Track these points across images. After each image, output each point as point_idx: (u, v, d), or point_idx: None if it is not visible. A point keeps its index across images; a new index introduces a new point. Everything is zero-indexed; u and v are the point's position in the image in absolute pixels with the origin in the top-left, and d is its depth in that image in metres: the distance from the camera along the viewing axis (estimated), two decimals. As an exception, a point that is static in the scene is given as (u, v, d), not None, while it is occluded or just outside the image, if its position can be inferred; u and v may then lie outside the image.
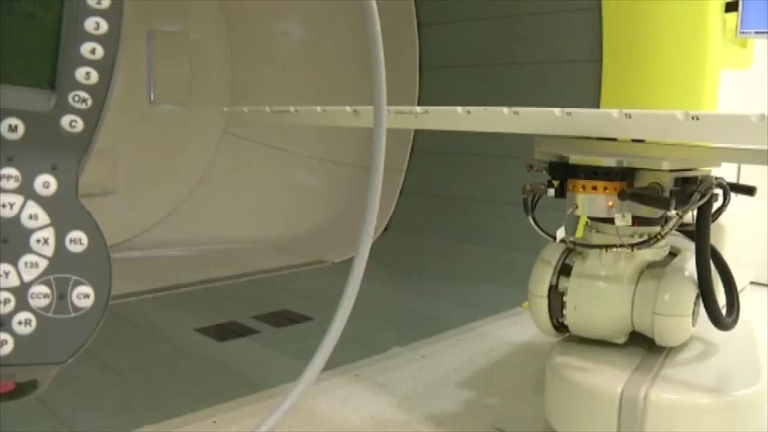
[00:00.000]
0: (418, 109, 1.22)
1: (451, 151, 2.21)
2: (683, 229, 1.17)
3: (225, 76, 2.71)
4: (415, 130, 2.46)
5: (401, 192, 2.47)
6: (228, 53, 2.71)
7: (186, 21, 2.61)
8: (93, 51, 0.39)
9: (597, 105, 2.07)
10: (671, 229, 1.13)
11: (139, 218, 2.50)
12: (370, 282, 0.51)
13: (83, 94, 0.39)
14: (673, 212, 1.12)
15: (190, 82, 2.57)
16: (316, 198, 2.81)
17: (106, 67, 0.40)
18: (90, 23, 0.39)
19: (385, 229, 2.57)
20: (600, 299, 1.18)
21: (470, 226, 2.40)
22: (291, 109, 1.41)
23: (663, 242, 1.18)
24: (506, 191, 1.94)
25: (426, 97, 2.52)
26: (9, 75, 0.38)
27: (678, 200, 1.09)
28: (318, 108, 1.36)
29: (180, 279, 2.20)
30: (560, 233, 1.18)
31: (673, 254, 1.25)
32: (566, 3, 2.15)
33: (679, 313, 1.13)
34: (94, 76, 0.39)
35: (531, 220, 1.21)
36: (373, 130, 0.53)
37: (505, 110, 1.12)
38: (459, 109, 1.17)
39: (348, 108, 1.31)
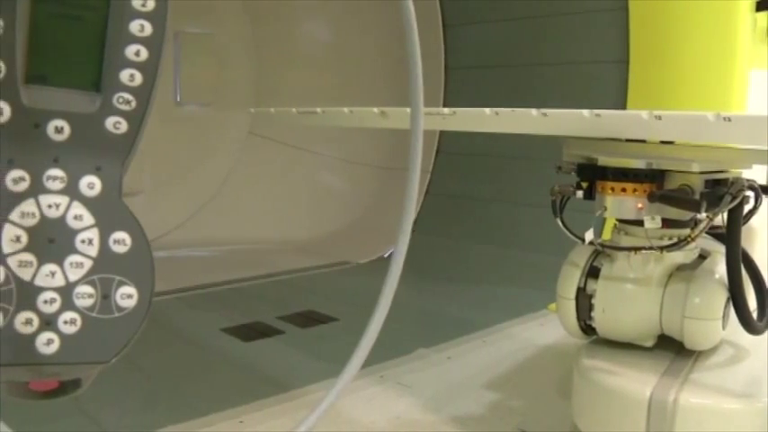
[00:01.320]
0: (446, 110, 1.22)
1: (477, 152, 2.20)
2: (713, 231, 1.16)
3: (250, 77, 2.72)
4: (441, 132, 2.46)
5: (426, 193, 2.47)
6: (254, 54, 2.72)
7: (212, 22, 2.62)
8: (137, 53, 0.40)
9: (623, 106, 2.05)
10: (701, 231, 1.12)
11: (165, 218, 2.52)
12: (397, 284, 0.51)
13: (127, 96, 0.40)
14: (703, 215, 1.11)
15: (215, 83, 2.59)
16: (340, 199, 2.82)
17: (150, 69, 0.40)
18: (135, 26, 0.39)
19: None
20: (628, 301, 1.17)
21: (496, 227, 2.40)
22: (318, 110, 1.42)
23: (693, 245, 1.17)
24: (532, 192, 1.93)
25: (451, 98, 2.51)
26: (55, 77, 0.39)
27: (709, 202, 1.07)
28: (345, 109, 1.37)
29: (205, 279, 2.21)
30: (589, 235, 1.17)
31: (702, 256, 1.24)
32: (592, 3, 2.14)
33: (709, 317, 1.11)
34: (138, 78, 0.40)
35: (560, 222, 1.20)
36: (410, 132, 0.52)
37: (534, 111, 1.12)
38: (487, 110, 1.17)
39: (375, 109, 1.31)
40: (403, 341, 1.65)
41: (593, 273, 1.21)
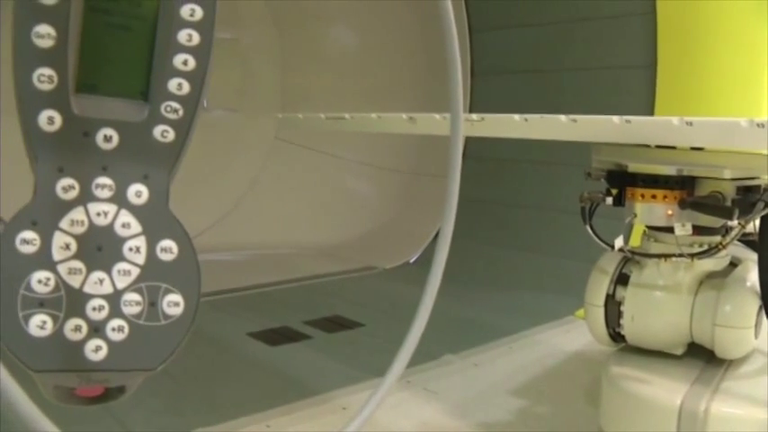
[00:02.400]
0: (474, 116, 1.22)
1: (504, 158, 2.20)
2: (744, 238, 1.15)
3: (276, 82, 2.74)
4: (467, 137, 2.45)
5: (446, 197, 2.45)
6: (279, 59, 2.74)
7: (238, 28, 2.63)
8: (185, 63, 0.40)
9: (651, 111, 2.04)
10: (733, 239, 1.12)
11: (191, 223, 2.50)
12: (421, 288, 0.51)
13: (174, 105, 0.40)
14: (735, 222, 1.10)
15: (241, 88, 2.60)
16: (366, 204, 2.82)
17: (197, 78, 0.40)
18: (183, 35, 0.40)
19: (436, 236, 2.57)
20: (658, 309, 1.16)
21: (523, 233, 2.39)
22: (346, 116, 1.42)
23: (724, 252, 1.16)
24: (559, 198, 1.92)
25: (478, 103, 2.51)
26: (105, 86, 0.40)
27: (741, 209, 1.06)
28: (374, 115, 1.37)
29: (232, 284, 2.22)
30: (618, 242, 1.17)
31: (733, 264, 1.23)
32: (619, 8, 2.13)
33: (740, 325, 1.10)
34: (186, 87, 0.40)
35: (589, 229, 1.19)
36: (450, 138, 0.53)
37: (563, 118, 1.11)
38: (516, 117, 1.17)
39: (404, 115, 1.31)
40: (429, 347, 1.64)
41: (622, 280, 1.20)
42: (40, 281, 0.38)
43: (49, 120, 0.38)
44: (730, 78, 1.85)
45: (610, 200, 1.17)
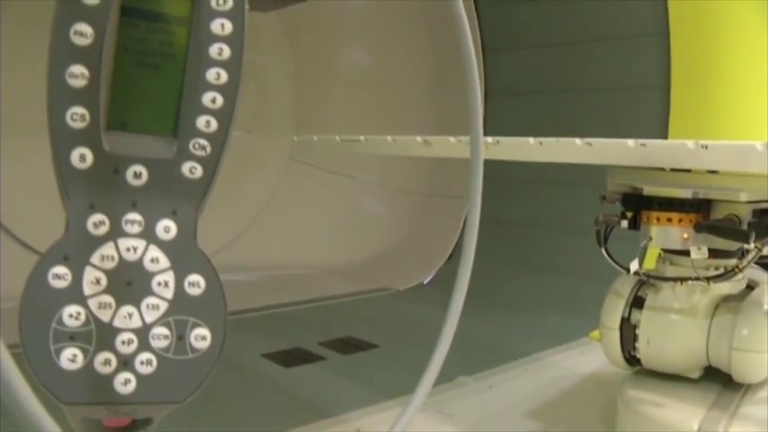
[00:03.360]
0: (489, 139, 1.22)
1: (518, 178, 2.20)
2: (761, 261, 1.15)
3: (290, 102, 2.75)
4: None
5: (466, 219, 2.46)
6: (294, 79, 2.75)
7: (253, 48, 2.64)
8: (213, 101, 0.41)
9: (665, 131, 2.04)
10: (750, 262, 1.11)
11: (206, 243, 2.52)
12: (435, 309, 0.52)
13: (202, 142, 0.41)
14: (751, 245, 1.09)
15: (256, 108, 2.62)
16: (380, 225, 2.82)
17: (225, 116, 0.41)
18: (211, 74, 0.41)
19: (450, 257, 2.57)
20: (674, 332, 1.16)
21: (536, 254, 2.39)
22: (362, 138, 1.43)
23: (740, 275, 1.15)
24: (573, 218, 1.93)
25: (492, 124, 2.51)
26: (135, 123, 0.41)
27: (757, 232, 1.06)
28: (389, 137, 1.38)
29: (245, 304, 2.23)
30: (634, 265, 1.17)
31: (750, 287, 1.22)
32: (632, 28, 2.14)
33: (758, 349, 1.10)
34: (214, 125, 0.41)
35: (604, 252, 1.20)
36: (471, 161, 0.53)
37: (578, 141, 1.12)
38: (531, 140, 1.17)
39: (419, 138, 1.32)
40: (444, 368, 1.64)
41: (637, 303, 1.20)
42: (71, 315, 0.39)
43: (81, 157, 0.39)
44: (744, 99, 1.85)
45: (625, 223, 1.17)
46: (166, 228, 0.41)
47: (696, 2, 1.95)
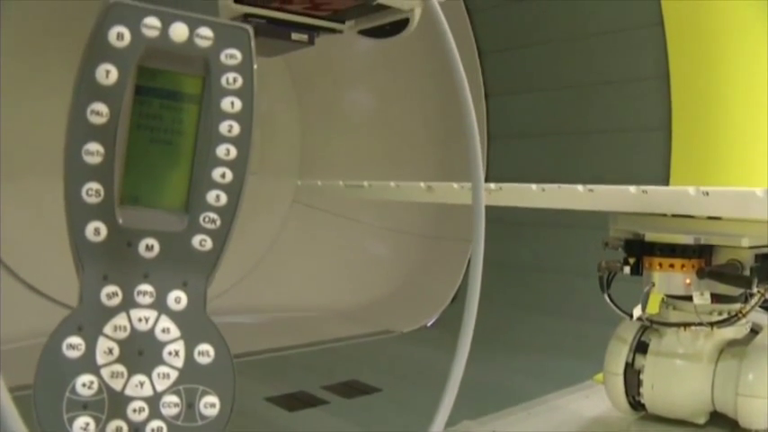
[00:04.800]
0: (492, 185, 1.24)
1: (521, 221, 2.21)
2: (765, 305, 1.15)
3: (295, 145, 2.77)
4: (486, 201, 2.47)
5: (470, 261, 2.46)
6: (298, 122, 2.78)
7: (259, 92, 2.67)
8: (223, 176, 0.42)
9: (667, 172, 2.05)
10: (753, 307, 1.12)
11: (210, 285, 2.54)
12: (438, 351, 0.52)
13: (212, 216, 0.43)
14: (754, 290, 1.10)
15: (261, 151, 2.64)
16: (383, 267, 2.82)
17: (234, 190, 0.43)
18: (221, 150, 0.42)
19: (453, 299, 2.57)
20: (678, 377, 1.16)
21: (539, 296, 2.39)
22: (365, 183, 1.45)
23: (744, 320, 1.16)
24: (576, 260, 1.93)
25: (494, 166, 2.53)
26: (148, 198, 0.42)
27: (760, 277, 1.07)
28: (392, 183, 1.39)
29: (249, 347, 2.22)
30: (637, 311, 1.17)
31: (754, 331, 1.23)
32: (633, 71, 2.16)
33: (764, 394, 1.10)
34: (224, 199, 0.43)
35: (607, 298, 1.20)
36: (472, 208, 0.54)
37: (580, 187, 1.13)
38: (533, 186, 1.19)
39: (422, 184, 1.33)
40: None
41: (641, 348, 1.20)
42: (85, 384, 0.40)
43: (96, 231, 0.40)
44: (745, 143, 1.86)
45: (628, 269, 1.18)
46: (177, 298, 0.42)
47: (695, 45, 1.98)
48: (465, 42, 2.51)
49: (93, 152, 0.39)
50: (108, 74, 0.39)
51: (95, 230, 0.40)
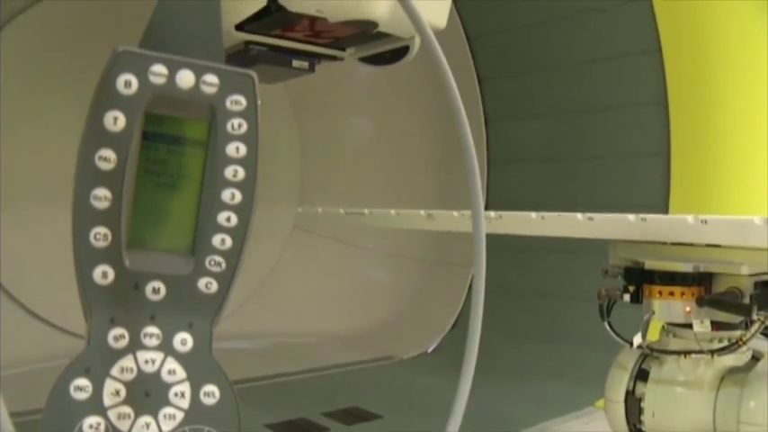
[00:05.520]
0: (492, 213, 1.24)
1: (521, 246, 2.21)
2: (766, 332, 1.15)
3: (295, 171, 2.78)
4: (485, 224, 2.48)
5: (469, 288, 2.46)
6: (299, 148, 2.79)
7: (260, 120, 2.68)
8: (228, 219, 0.43)
9: (666, 197, 2.06)
10: (753, 335, 1.12)
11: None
12: (439, 378, 0.52)
13: (218, 259, 0.43)
14: (754, 317, 1.10)
15: (262, 178, 2.65)
16: (384, 292, 2.82)
17: (239, 234, 0.44)
18: (226, 194, 0.43)
19: (454, 325, 2.57)
20: (679, 405, 1.16)
21: (540, 322, 2.38)
22: (365, 211, 1.45)
23: (745, 347, 1.16)
24: (576, 285, 1.93)
25: (494, 192, 2.54)
26: (154, 241, 0.43)
27: (760, 304, 1.07)
28: (392, 211, 1.40)
29: (249, 373, 2.22)
30: (637, 339, 1.17)
31: (755, 358, 1.22)
32: (632, 97, 2.17)
33: (766, 423, 1.10)
34: (229, 242, 0.44)
35: (607, 326, 1.20)
36: (473, 236, 0.55)
37: (579, 216, 1.14)
38: (533, 214, 1.20)
39: (422, 212, 1.34)
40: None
41: (641, 375, 1.20)
42: (92, 426, 0.41)
43: (103, 274, 0.41)
44: (745, 167, 1.87)
45: (627, 297, 1.18)
46: (183, 340, 0.43)
47: (694, 72, 1.99)
48: (465, 69, 2.53)
49: (101, 197, 0.40)
50: (116, 120, 0.40)
51: (103, 274, 0.41)
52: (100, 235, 0.40)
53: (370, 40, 1.34)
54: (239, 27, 1.28)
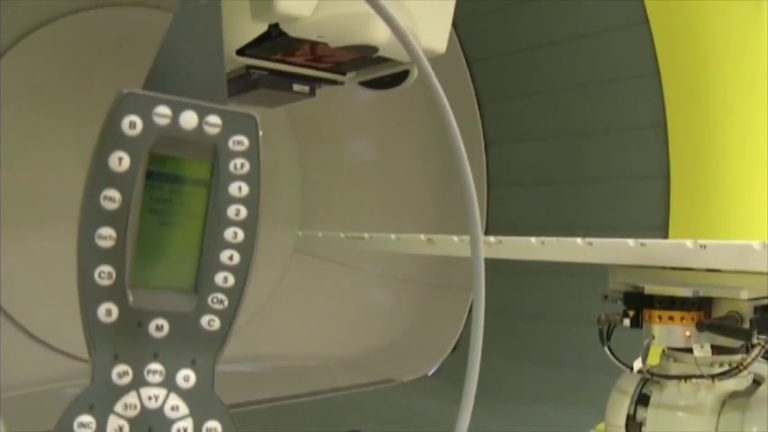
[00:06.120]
0: (492, 239, 1.25)
1: (521, 269, 2.22)
2: (767, 355, 1.15)
3: (296, 195, 2.78)
4: (485, 247, 2.48)
5: (470, 311, 2.45)
6: (299, 172, 2.79)
7: (261, 144, 2.68)
8: (230, 258, 0.44)
9: (666, 220, 2.06)
10: (754, 359, 1.12)
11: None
12: (439, 401, 0.52)
13: (220, 296, 0.44)
14: (755, 341, 1.10)
15: (263, 201, 2.65)
16: (385, 315, 2.81)
17: (241, 272, 0.45)
18: (229, 233, 0.44)
19: (454, 348, 2.56)
20: (681, 430, 1.16)
21: (540, 344, 2.38)
22: (366, 235, 1.46)
23: (745, 371, 1.16)
24: (576, 309, 1.93)
25: (494, 215, 2.55)
26: (158, 280, 0.43)
27: (760, 329, 1.07)
28: (392, 235, 1.41)
29: (248, 396, 2.21)
30: (637, 364, 1.17)
31: (757, 382, 1.22)
32: (631, 120, 2.18)
33: (767, 447, 1.10)
34: (231, 280, 0.44)
35: (607, 350, 1.20)
36: (472, 261, 0.55)
37: (579, 241, 1.15)
38: (533, 240, 1.20)
39: (422, 236, 1.35)
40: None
41: (642, 400, 1.20)
42: None
43: (107, 312, 0.42)
44: (745, 190, 1.87)
45: (627, 322, 1.18)
46: (186, 377, 0.44)
47: (692, 94, 2.00)
48: (465, 93, 2.54)
49: (106, 236, 0.41)
50: (121, 161, 0.40)
51: (107, 312, 0.42)
52: (104, 273, 0.41)
53: (371, 64, 1.35)
54: (240, 51, 1.29)
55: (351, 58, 1.30)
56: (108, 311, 0.41)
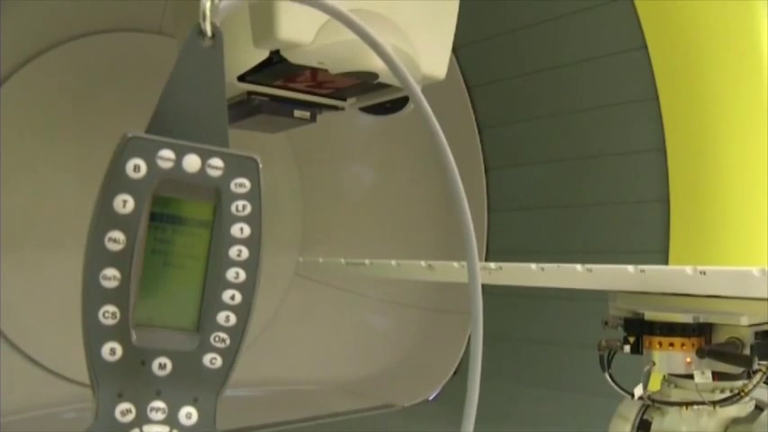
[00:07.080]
0: (492, 265, 1.25)
1: (521, 293, 2.22)
2: None
3: (296, 220, 2.79)
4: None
5: (470, 336, 2.44)
6: (300, 197, 2.80)
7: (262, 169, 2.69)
8: (232, 298, 0.45)
9: (666, 244, 2.06)
10: (755, 386, 1.12)
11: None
12: (440, 426, 0.52)
13: (222, 335, 0.45)
14: (755, 367, 1.10)
15: (263, 226, 2.65)
16: (385, 340, 2.81)
17: (243, 311, 0.45)
18: (231, 273, 0.45)
19: (455, 372, 2.55)
20: (683, 457, 1.15)
21: (541, 368, 2.37)
22: (366, 262, 1.46)
23: (747, 398, 1.15)
24: (576, 332, 1.93)
25: (494, 239, 2.55)
26: (161, 319, 0.44)
27: (760, 355, 1.07)
28: (393, 262, 1.41)
29: (248, 421, 2.20)
30: (638, 391, 1.17)
31: (759, 408, 1.22)
32: (630, 144, 2.19)
33: (770, 475, 1.09)
34: (233, 319, 0.45)
35: (608, 377, 1.20)
36: (469, 287, 0.56)
37: (579, 267, 1.15)
38: (533, 266, 1.21)
39: (423, 262, 1.35)
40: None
41: (643, 427, 1.20)
42: None
43: (111, 351, 0.42)
44: (744, 213, 1.87)
45: (628, 348, 1.18)
46: (188, 414, 0.44)
47: (691, 119, 2.01)
48: (465, 117, 2.55)
49: (111, 277, 0.42)
50: (125, 204, 0.41)
51: (111, 350, 0.42)
52: (108, 313, 0.42)
53: (371, 90, 1.36)
54: (242, 78, 1.30)
55: (351, 84, 1.31)
56: (112, 350, 0.42)
